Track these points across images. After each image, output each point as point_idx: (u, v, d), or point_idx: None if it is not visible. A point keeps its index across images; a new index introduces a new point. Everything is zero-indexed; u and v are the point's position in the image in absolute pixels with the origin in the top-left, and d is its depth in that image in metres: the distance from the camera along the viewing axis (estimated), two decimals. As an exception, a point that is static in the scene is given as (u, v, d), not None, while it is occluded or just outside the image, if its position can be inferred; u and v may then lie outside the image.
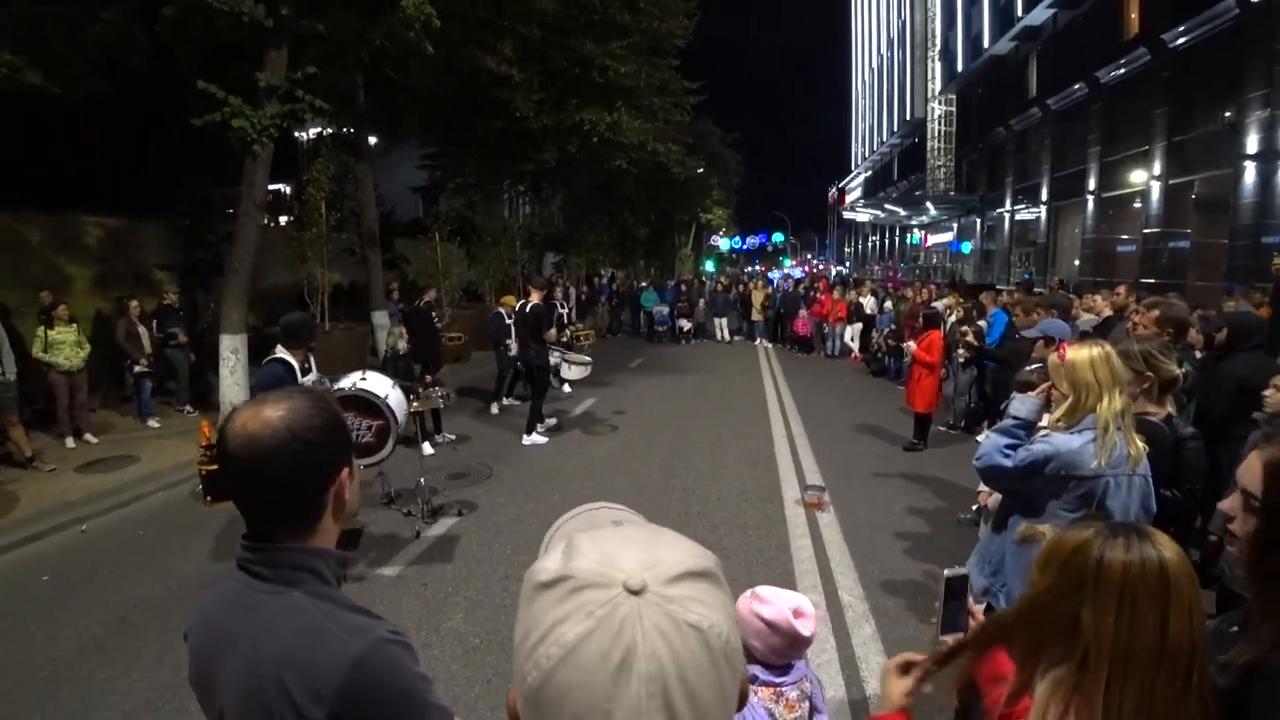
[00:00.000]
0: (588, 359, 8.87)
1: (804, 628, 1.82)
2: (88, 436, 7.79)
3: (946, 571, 1.43)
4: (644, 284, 22.59)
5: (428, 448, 7.26)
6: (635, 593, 0.49)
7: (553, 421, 8.66)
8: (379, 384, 5.09)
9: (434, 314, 10.11)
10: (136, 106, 11.05)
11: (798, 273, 41.46)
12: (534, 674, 0.49)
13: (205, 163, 10.84)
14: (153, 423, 8.53)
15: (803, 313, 16.82)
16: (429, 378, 9.38)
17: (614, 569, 0.51)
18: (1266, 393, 3.05)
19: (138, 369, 8.54)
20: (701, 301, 20.10)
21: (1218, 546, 2.94)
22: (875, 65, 49.40)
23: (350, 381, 5.04)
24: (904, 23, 40.01)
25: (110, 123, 12.93)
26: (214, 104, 7.51)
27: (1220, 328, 4.22)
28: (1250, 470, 1.24)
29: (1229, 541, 1.26)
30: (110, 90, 9.05)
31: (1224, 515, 1.29)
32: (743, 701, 0.57)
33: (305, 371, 4.58)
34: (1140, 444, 2.30)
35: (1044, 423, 2.70)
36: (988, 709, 1.41)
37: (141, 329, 8.73)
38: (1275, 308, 4.55)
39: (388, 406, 4.98)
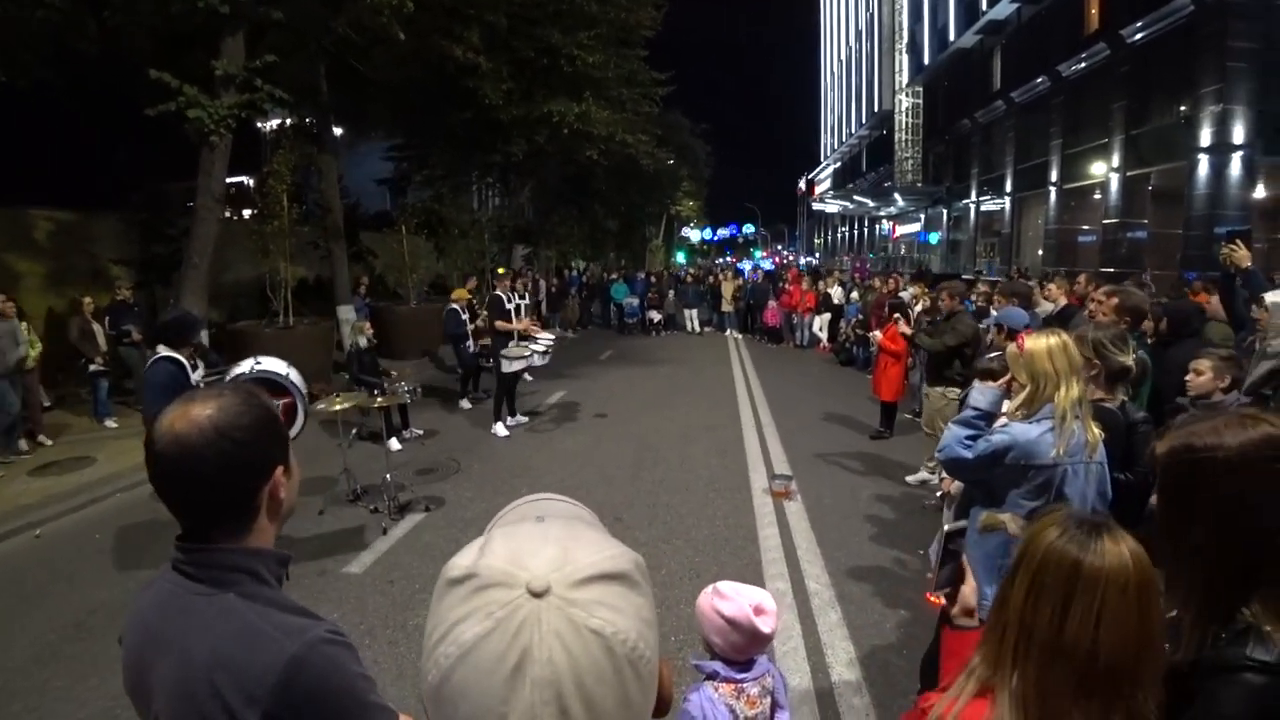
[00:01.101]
0: (525, 352, 7.97)
1: (764, 625, 1.81)
2: (41, 438, 7.55)
3: (947, 526, 1.44)
4: (614, 276, 22.56)
5: (394, 443, 7.17)
6: (538, 595, 0.48)
7: (524, 419, 8.57)
8: (276, 364, 4.97)
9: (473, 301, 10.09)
10: (87, 96, 10.68)
11: (768, 264, 41.73)
12: (433, 673, 0.49)
13: (161, 155, 10.54)
14: (110, 423, 8.28)
15: (772, 303, 16.95)
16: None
17: (520, 568, 0.50)
18: (1188, 377, 3.12)
19: (93, 368, 8.29)
20: (671, 293, 20.12)
21: None
22: (844, 57, 49.76)
23: (248, 365, 4.93)
24: (872, 15, 40.34)
25: (60, 113, 12.48)
26: (168, 93, 7.29)
27: (1160, 317, 4.34)
28: (1157, 460, 1.28)
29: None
30: (59, 79, 8.74)
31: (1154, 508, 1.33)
32: (664, 709, 0.56)
33: (195, 368, 4.49)
34: (1097, 431, 2.36)
35: (1003, 412, 2.76)
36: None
37: (96, 326, 8.47)
38: (1224, 295, 4.68)
39: (291, 382, 4.87)
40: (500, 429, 8.01)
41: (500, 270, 10.10)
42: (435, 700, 0.49)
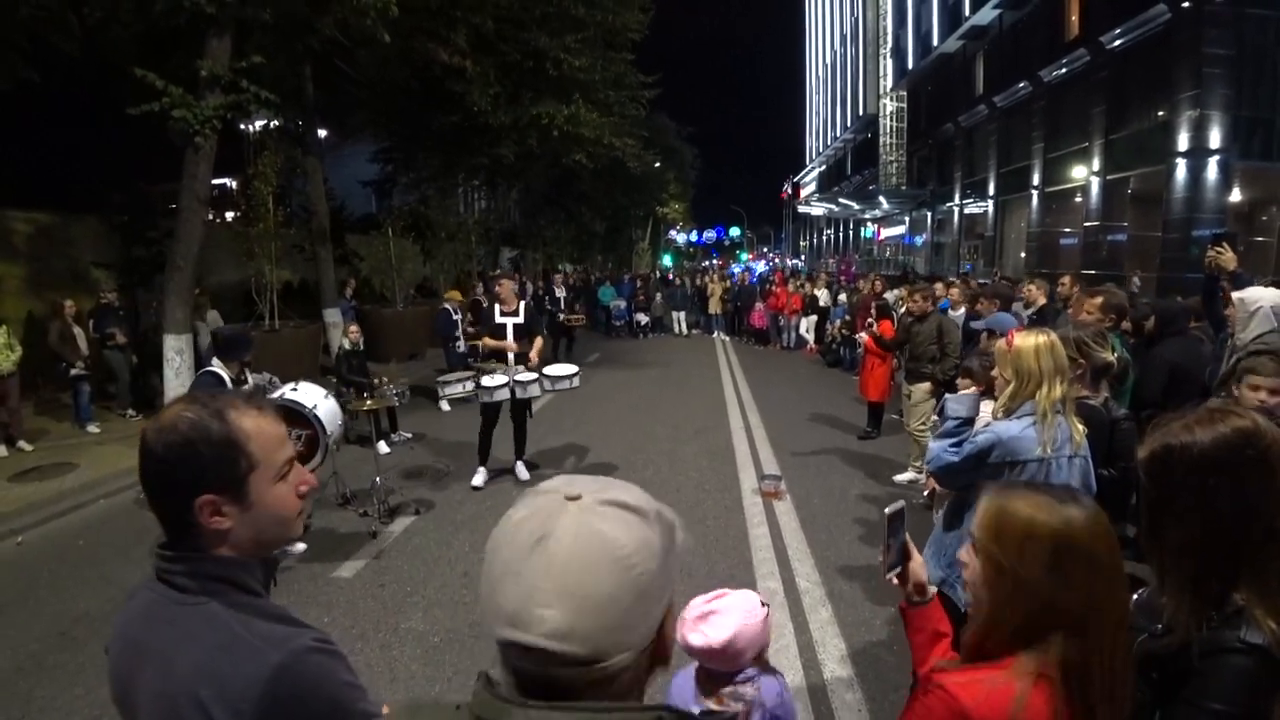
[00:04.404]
0: (464, 380, 6.16)
1: (695, 637, 1.68)
2: (21, 444, 7.43)
3: (888, 510, 1.47)
4: (603, 277, 22.60)
5: (384, 446, 7.14)
6: (570, 499, 0.66)
7: (483, 476, 6.37)
8: (309, 394, 5.08)
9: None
10: (67, 97, 10.55)
11: (761, 265, 41.87)
12: (489, 542, 0.67)
13: (142, 156, 10.42)
14: (92, 428, 8.18)
15: (759, 306, 17.03)
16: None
17: (568, 485, 0.68)
18: (1245, 388, 3.02)
19: (74, 372, 8.17)
20: (658, 295, 20.17)
21: None
22: (829, 61, 50.12)
23: (280, 392, 5.03)
24: (856, 20, 40.68)
25: (39, 113, 12.32)
26: (153, 93, 7.22)
27: (1147, 315, 4.43)
28: (1141, 462, 1.30)
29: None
30: (38, 79, 8.63)
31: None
32: (663, 655, 0.69)
33: (240, 384, 4.53)
34: (1081, 427, 2.40)
35: (985, 413, 2.81)
36: (923, 664, 1.45)
37: (77, 329, 8.36)
38: (1207, 298, 4.79)
39: (315, 417, 5.01)
40: (477, 477, 6.30)
41: (495, 272, 9.19)
42: (487, 554, 0.67)
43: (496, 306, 6.35)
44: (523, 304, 6.40)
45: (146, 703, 0.97)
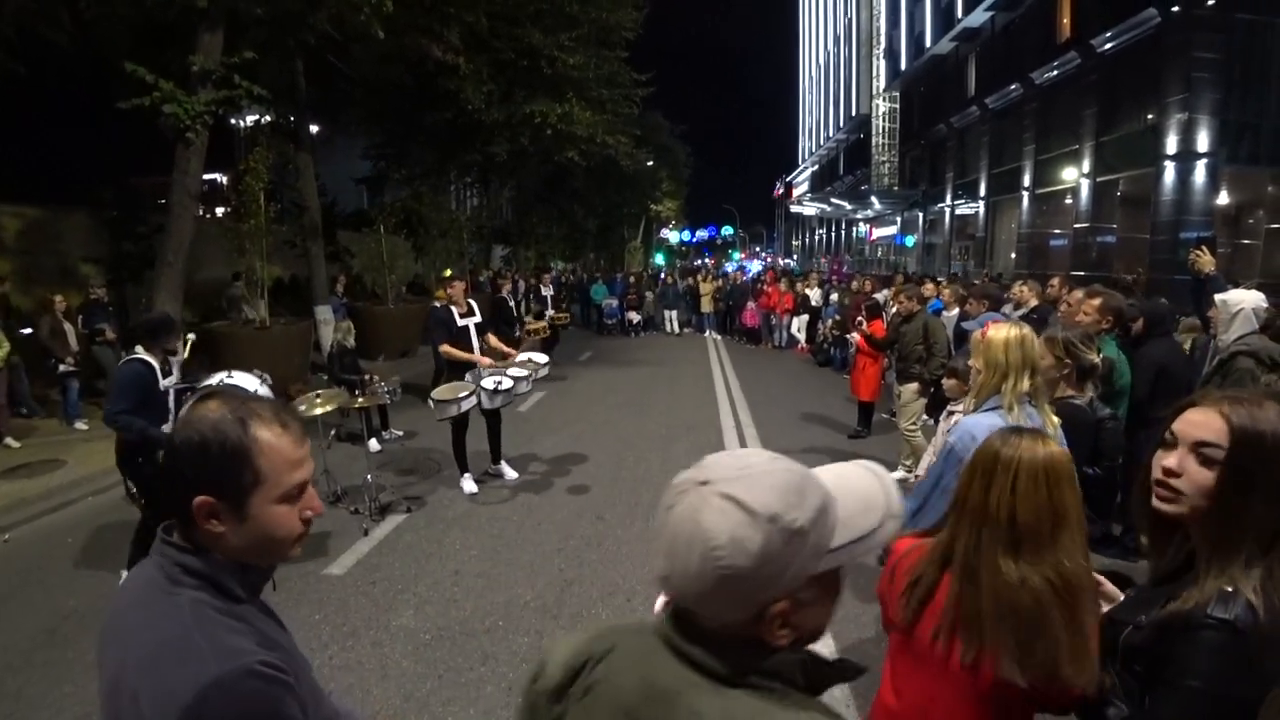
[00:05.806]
0: (461, 395, 5.73)
1: None
2: (9, 440, 7.38)
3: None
4: (595, 275, 22.57)
5: (374, 444, 7.13)
6: (700, 483, 0.76)
7: (473, 488, 6.12)
8: (245, 381, 4.83)
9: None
10: (56, 91, 10.47)
11: (755, 265, 41.91)
12: None
13: (132, 151, 10.37)
14: (80, 424, 8.12)
15: (750, 305, 17.08)
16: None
17: (714, 467, 0.79)
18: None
19: (63, 368, 8.12)
20: (649, 294, 20.18)
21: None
22: (822, 61, 50.21)
23: (216, 379, 4.82)
24: (850, 20, 40.75)
25: (27, 107, 12.22)
26: (144, 88, 7.18)
27: (1135, 316, 4.48)
28: (1206, 425, 1.22)
29: (1162, 496, 1.26)
30: (25, 72, 8.55)
31: (1160, 469, 1.26)
32: (772, 631, 0.76)
33: (166, 373, 4.35)
34: (1055, 419, 2.43)
35: (957, 410, 2.84)
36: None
37: (67, 325, 8.30)
38: (1195, 300, 4.86)
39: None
40: (467, 484, 6.10)
41: (447, 273, 8.83)
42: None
43: (454, 310, 6.13)
44: (473, 302, 6.30)
45: (107, 680, 0.99)
